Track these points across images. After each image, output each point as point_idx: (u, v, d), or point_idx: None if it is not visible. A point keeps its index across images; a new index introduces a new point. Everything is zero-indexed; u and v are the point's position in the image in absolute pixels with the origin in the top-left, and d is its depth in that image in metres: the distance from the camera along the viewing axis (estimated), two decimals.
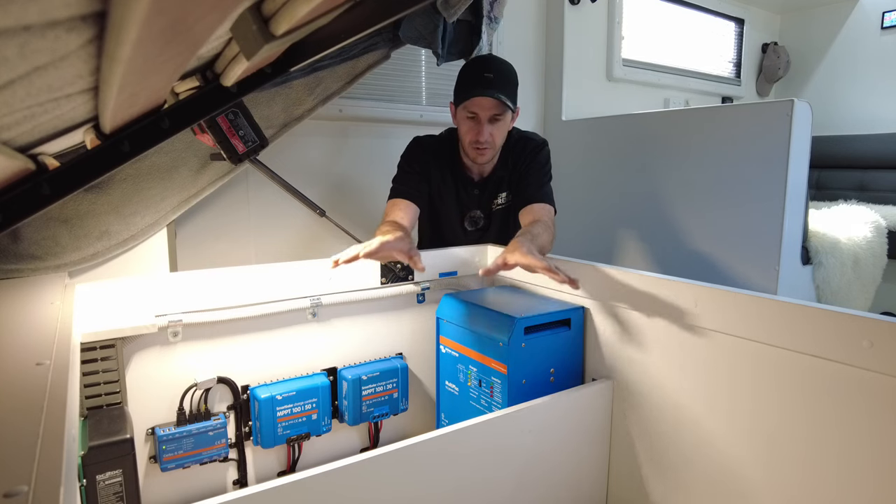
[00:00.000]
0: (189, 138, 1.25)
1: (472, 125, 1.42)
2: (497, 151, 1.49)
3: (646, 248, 2.07)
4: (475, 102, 1.39)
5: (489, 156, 1.46)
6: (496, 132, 1.43)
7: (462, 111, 1.43)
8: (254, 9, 0.50)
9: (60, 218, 1.12)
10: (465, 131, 1.45)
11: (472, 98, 1.39)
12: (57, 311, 0.77)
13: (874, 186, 2.82)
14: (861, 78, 3.12)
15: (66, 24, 0.35)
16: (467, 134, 1.44)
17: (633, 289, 1.04)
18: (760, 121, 1.68)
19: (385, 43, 1.46)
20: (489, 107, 1.39)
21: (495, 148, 1.46)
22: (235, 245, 1.81)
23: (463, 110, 1.43)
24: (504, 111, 1.40)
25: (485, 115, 1.40)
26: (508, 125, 1.47)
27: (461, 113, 1.44)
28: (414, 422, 1.36)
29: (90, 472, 0.85)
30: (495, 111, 1.39)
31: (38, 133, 0.63)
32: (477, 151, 1.44)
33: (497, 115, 1.40)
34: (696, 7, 3.01)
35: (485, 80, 1.39)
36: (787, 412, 0.82)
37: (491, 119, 1.41)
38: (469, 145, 1.45)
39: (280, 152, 1.70)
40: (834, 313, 0.76)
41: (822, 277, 1.86)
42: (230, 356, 1.11)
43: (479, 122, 1.41)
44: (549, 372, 1.10)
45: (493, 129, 1.42)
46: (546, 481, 1.01)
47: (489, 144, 1.43)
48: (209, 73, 0.87)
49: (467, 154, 1.48)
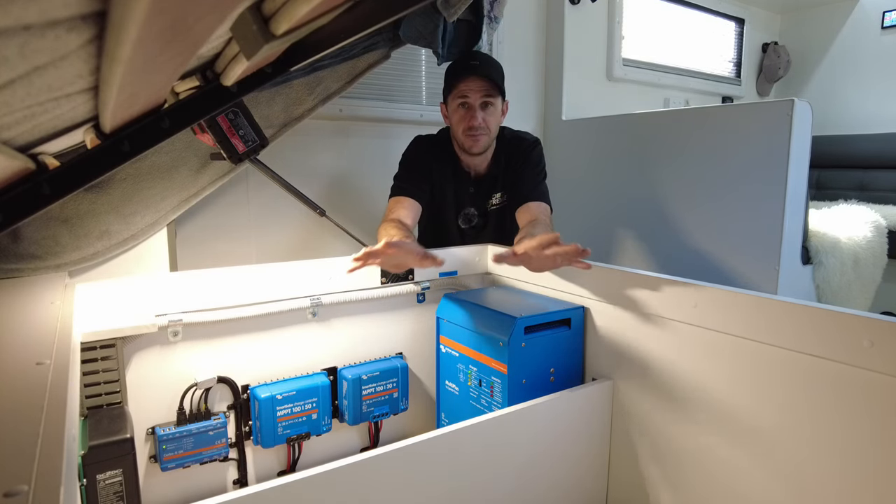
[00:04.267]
0: (189, 138, 1.25)
1: (465, 112, 1.43)
2: (492, 140, 1.49)
3: (646, 248, 2.07)
4: (465, 85, 1.41)
5: (484, 142, 1.46)
6: (489, 118, 1.43)
7: (453, 101, 1.44)
8: (254, 9, 0.50)
9: (60, 217, 1.12)
10: (457, 121, 1.45)
11: (462, 82, 1.40)
12: (57, 311, 0.77)
13: (874, 186, 2.82)
14: (861, 78, 3.12)
15: (66, 23, 0.35)
16: (460, 123, 1.44)
17: (633, 289, 1.04)
18: (760, 121, 1.68)
19: (385, 43, 1.46)
20: (479, 88, 1.40)
21: (490, 134, 1.46)
22: (235, 245, 1.81)
23: (454, 100, 1.44)
24: (494, 94, 1.41)
25: (475, 99, 1.41)
26: (500, 115, 1.47)
27: (453, 104, 1.45)
28: (414, 422, 1.36)
29: (90, 472, 0.85)
30: (485, 93, 1.40)
31: (39, 133, 0.63)
32: (472, 139, 1.44)
33: (488, 98, 1.41)
34: (697, 7, 3.01)
35: (471, 66, 1.42)
36: (787, 412, 0.82)
37: (482, 104, 1.42)
38: (463, 134, 1.45)
39: (280, 152, 1.70)
40: (834, 313, 0.76)
41: (822, 277, 1.86)
42: (230, 356, 1.11)
43: (472, 108, 1.42)
44: (549, 372, 1.10)
45: (486, 115, 1.43)
46: (546, 481, 1.01)
47: (483, 130, 1.43)
48: (209, 72, 0.87)
49: (462, 145, 1.48)
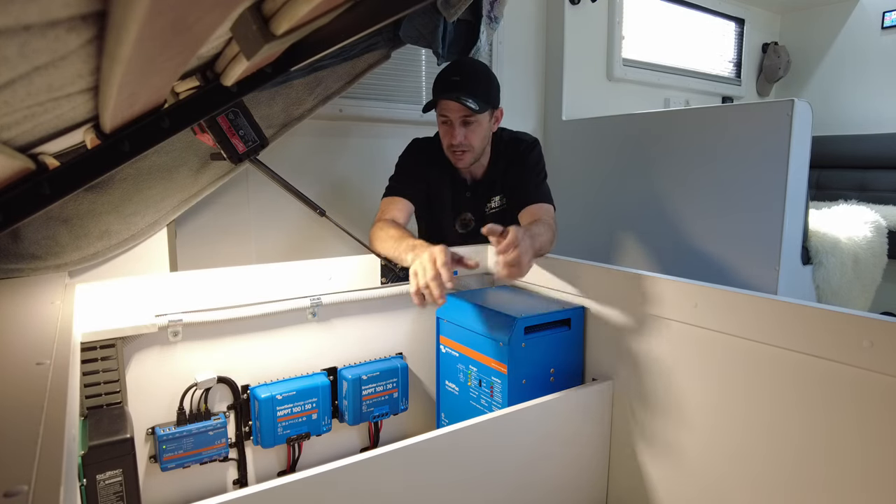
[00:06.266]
0: (189, 138, 1.25)
1: (447, 129, 1.42)
2: (477, 154, 1.46)
3: (646, 248, 2.07)
4: (442, 106, 1.39)
5: (468, 159, 1.44)
6: (471, 135, 1.40)
7: (437, 115, 1.43)
8: (254, 9, 0.50)
9: (61, 218, 1.12)
10: (442, 135, 1.45)
11: (439, 101, 1.39)
12: (57, 311, 0.77)
13: (874, 186, 2.82)
14: (861, 78, 3.12)
15: (66, 23, 0.35)
16: (444, 138, 1.44)
17: (633, 289, 1.04)
18: (761, 121, 1.68)
19: (385, 43, 1.45)
20: (456, 109, 1.37)
21: (473, 150, 1.44)
22: (235, 245, 1.81)
23: (438, 114, 1.43)
24: (473, 113, 1.38)
25: (455, 118, 1.39)
26: (486, 127, 1.43)
27: (438, 118, 1.44)
28: (414, 422, 1.36)
29: (90, 472, 0.85)
30: (463, 113, 1.38)
31: (39, 133, 0.63)
32: (455, 156, 1.44)
33: (467, 116, 1.38)
34: (697, 7, 3.01)
35: (451, 84, 1.38)
36: (787, 412, 0.82)
37: (463, 122, 1.39)
38: (447, 150, 1.44)
39: (280, 152, 1.70)
40: (834, 313, 0.76)
41: (822, 277, 1.86)
42: (230, 356, 1.11)
43: (452, 126, 1.40)
44: (549, 372, 1.10)
45: (467, 132, 1.40)
46: (546, 481, 1.01)
47: (465, 147, 1.41)
48: (209, 72, 0.87)
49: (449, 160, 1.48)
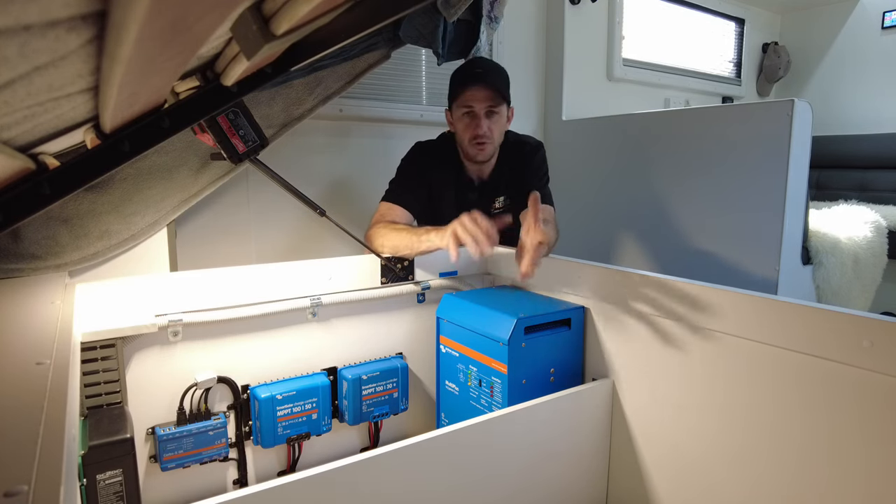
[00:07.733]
0: (189, 138, 1.25)
1: (470, 121, 1.43)
2: (496, 148, 1.49)
3: (646, 248, 2.07)
4: (470, 95, 1.40)
5: (489, 151, 1.46)
6: (494, 126, 1.43)
7: (458, 110, 1.44)
8: (254, 8, 0.50)
9: (61, 217, 1.12)
10: (462, 129, 1.45)
11: (467, 91, 1.40)
12: (57, 311, 0.77)
13: (874, 186, 2.82)
14: (861, 78, 3.12)
15: (66, 23, 0.35)
16: (465, 131, 1.44)
17: (633, 289, 1.04)
18: (761, 121, 1.68)
19: (385, 43, 1.45)
20: (483, 98, 1.39)
21: (494, 143, 1.46)
22: (235, 245, 1.81)
23: (459, 108, 1.43)
24: (499, 103, 1.41)
25: (480, 108, 1.40)
26: (504, 122, 1.47)
27: (457, 112, 1.45)
28: (414, 422, 1.36)
29: (90, 472, 0.85)
30: (490, 102, 1.40)
31: (39, 133, 0.63)
32: (477, 147, 1.44)
33: (492, 107, 1.41)
34: (697, 7, 3.01)
35: (476, 74, 1.41)
36: (786, 412, 0.82)
37: (487, 112, 1.41)
38: (469, 143, 1.45)
39: (280, 152, 1.70)
40: (834, 313, 0.76)
41: (822, 277, 1.86)
42: (230, 356, 1.11)
43: (477, 117, 1.41)
44: (549, 372, 1.10)
45: (491, 123, 1.42)
46: (546, 481, 1.01)
47: (488, 138, 1.43)
48: (209, 72, 0.86)
49: (467, 154, 1.48)
